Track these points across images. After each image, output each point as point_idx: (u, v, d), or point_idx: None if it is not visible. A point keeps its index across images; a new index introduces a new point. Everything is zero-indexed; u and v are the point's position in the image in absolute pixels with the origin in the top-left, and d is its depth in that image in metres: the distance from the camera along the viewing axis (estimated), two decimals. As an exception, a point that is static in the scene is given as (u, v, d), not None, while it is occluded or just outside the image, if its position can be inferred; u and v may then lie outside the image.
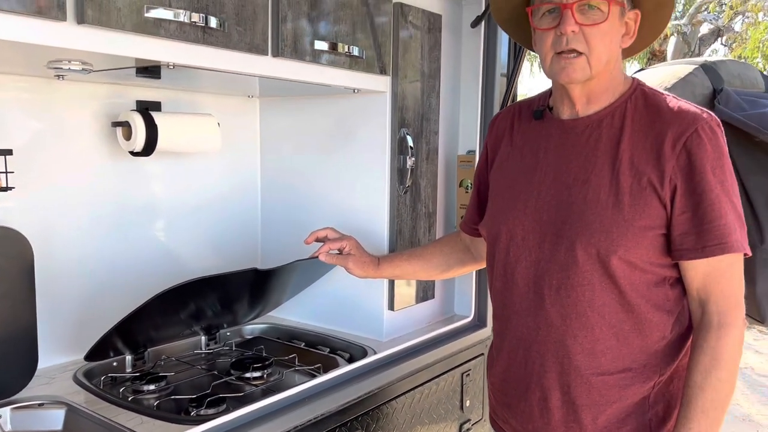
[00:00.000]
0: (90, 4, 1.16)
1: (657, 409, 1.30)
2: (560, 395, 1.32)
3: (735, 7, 11.07)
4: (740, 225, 1.23)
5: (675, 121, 1.23)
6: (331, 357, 1.90)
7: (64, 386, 1.57)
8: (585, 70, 1.25)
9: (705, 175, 1.20)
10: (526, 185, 1.37)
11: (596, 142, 1.29)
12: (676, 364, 1.32)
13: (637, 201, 1.23)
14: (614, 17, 1.24)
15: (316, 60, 1.63)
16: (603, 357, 1.28)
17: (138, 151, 1.73)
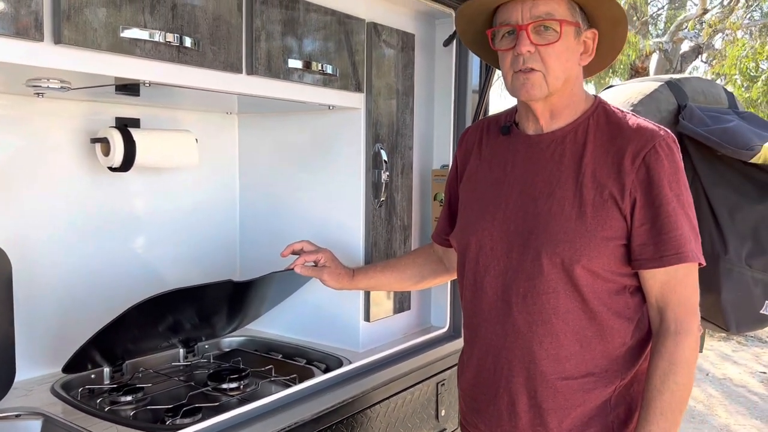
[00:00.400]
0: (67, 24, 1.21)
1: (618, 411, 1.35)
2: (527, 399, 1.36)
3: (714, 25, 11.28)
4: (695, 236, 1.30)
5: (634, 137, 1.30)
6: (307, 368, 1.94)
7: (42, 398, 1.60)
8: (542, 87, 1.31)
9: (662, 189, 1.26)
10: (494, 198, 1.43)
11: (560, 156, 1.35)
12: (636, 369, 1.37)
13: (599, 213, 1.29)
14: (568, 37, 1.30)
15: (290, 78, 1.69)
16: (567, 362, 1.33)
17: (116, 167, 1.77)
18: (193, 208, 2.16)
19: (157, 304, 1.60)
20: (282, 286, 2.01)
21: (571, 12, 1.30)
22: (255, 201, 2.27)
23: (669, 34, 11.28)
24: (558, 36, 1.28)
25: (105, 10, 1.27)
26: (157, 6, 1.36)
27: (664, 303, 1.30)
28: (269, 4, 1.61)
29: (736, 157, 2.03)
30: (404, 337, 2.16)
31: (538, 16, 1.27)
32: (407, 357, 2.02)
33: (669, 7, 12.99)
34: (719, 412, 4.69)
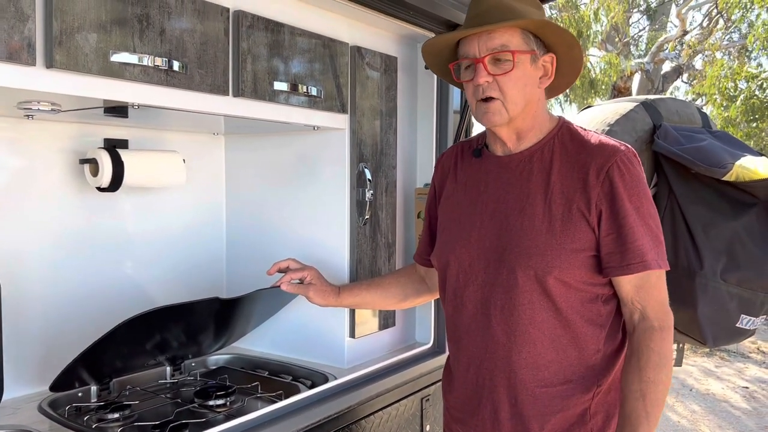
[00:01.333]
0: (59, 49, 1.25)
1: (597, 419, 1.40)
2: (509, 407, 1.42)
3: (693, 46, 11.51)
4: (655, 244, 1.37)
5: (597, 153, 1.37)
6: (293, 384, 1.96)
7: (29, 416, 1.61)
8: (502, 114, 1.40)
9: (623, 202, 1.34)
10: (470, 216, 1.50)
11: (529, 174, 1.43)
12: (611, 377, 1.43)
13: (567, 226, 1.36)
14: (524, 64, 1.39)
15: (276, 99, 1.73)
16: (545, 370, 1.39)
17: (105, 187, 1.80)
18: (180, 227, 2.19)
19: (144, 321, 1.62)
20: (268, 304, 2.03)
21: (525, 41, 1.39)
22: (241, 220, 2.30)
23: (650, 55, 11.48)
24: (512, 65, 1.37)
25: (95, 35, 1.31)
26: (146, 31, 1.40)
27: (643, 305, 1.37)
28: (255, 28, 1.66)
29: (710, 175, 2.09)
30: (389, 354, 2.19)
31: (493, 48, 1.36)
32: (392, 373, 2.05)
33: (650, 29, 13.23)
34: (702, 427, 4.74)
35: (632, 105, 2.30)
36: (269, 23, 1.71)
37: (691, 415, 4.97)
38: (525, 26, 1.38)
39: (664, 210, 2.21)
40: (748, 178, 2.07)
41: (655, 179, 2.27)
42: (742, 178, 2.07)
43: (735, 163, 2.06)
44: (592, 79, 10.74)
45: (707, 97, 10.79)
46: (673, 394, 5.44)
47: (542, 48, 1.43)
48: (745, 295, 2.16)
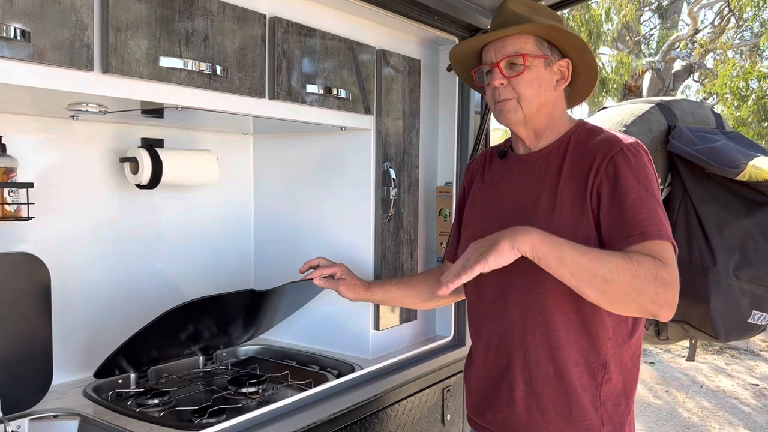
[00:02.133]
0: (114, 56, 1.34)
1: (607, 406, 1.48)
2: (523, 386, 1.50)
3: (704, 45, 11.49)
4: (659, 221, 1.36)
5: (604, 143, 1.46)
6: (321, 373, 2.05)
7: (75, 400, 1.71)
8: (517, 111, 1.51)
9: (628, 180, 1.39)
10: (492, 211, 1.61)
11: (546, 170, 1.53)
12: (621, 367, 1.49)
13: (574, 213, 1.44)
14: (537, 68, 1.50)
15: (308, 101, 1.82)
16: (558, 351, 1.47)
17: (144, 184, 1.89)
18: (211, 223, 2.28)
19: (181, 313, 1.71)
20: (296, 297, 2.12)
21: (538, 47, 1.50)
22: (268, 217, 2.39)
23: (661, 54, 11.47)
24: (523, 68, 1.48)
25: (146, 42, 1.40)
26: (191, 37, 1.49)
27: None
28: (289, 33, 1.75)
29: (723, 175, 2.15)
30: (411, 346, 2.28)
31: (507, 54, 1.49)
32: (415, 364, 2.13)
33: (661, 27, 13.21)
34: (712, 423, 4.79)
35: (648, 106, 2.37)
36: (302, 28, 1.79)
37: (701, 412, 5.03)
38: (532, 32, 1.50)
39: (678, 208, 2.28)
40: (761, 178, 2.13)
41: (670, 179, 2.34)
42: (755, 177, 2.13)
43: (748, 163, 2.13)
44: (603, 78, 10.76)
45: (719, 96, 10.77)
46: (683, 391, 5.50)
47: (557, 54, 1.54)
48: (757, 292, 2.23)
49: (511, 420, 1.53)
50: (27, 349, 1.60)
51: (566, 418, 1.47)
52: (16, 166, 1.63)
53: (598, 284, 1.27)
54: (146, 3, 1.40)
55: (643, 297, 1.28)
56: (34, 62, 1.22)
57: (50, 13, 1.23)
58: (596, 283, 1.27)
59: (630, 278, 1.26)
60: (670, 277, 1.30)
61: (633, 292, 1.27)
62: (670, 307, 1.31)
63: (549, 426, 1.49)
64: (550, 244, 1.29)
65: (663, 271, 1.29)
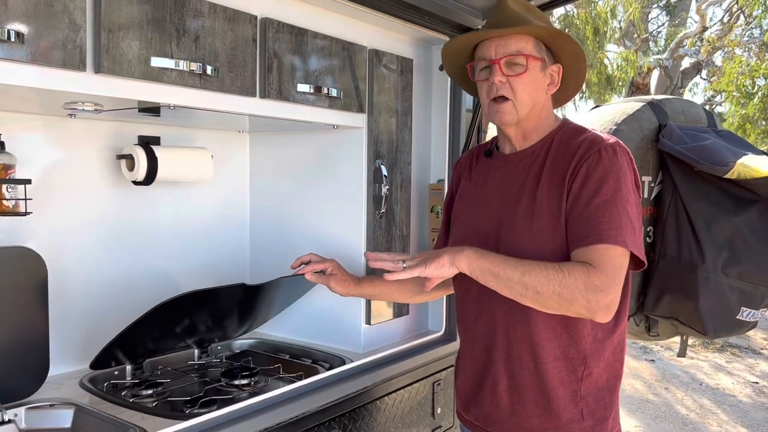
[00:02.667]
0: (106, 56, 1.38)
1: (588, 400, 1.51)
2: (507, 380, 1.55)
3: (712, 43, 11.44)
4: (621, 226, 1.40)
5: (584, 144, 1.49)
6: (312, 366, 2.10)
7: (72, 390, 1.76)
8: (512, 114, 1.53)
9: (599, 181, 1.43)
10: (477, 209, 1.65)
11: (529, 169, 1.56)
12: (602, 363, 1.53)
13: (552, 213, 1.48)
14: (535, 70, 1.52)
15: (299, 100, 1.86)
16: (539, 347, 1.50)
17: (140, 181, 1.94)
18: (208, 219, 2.33)
19: (174, 306, 1.76)
20: (289, 292, 2.17)
21: (537, 49, 1.53)
22: (264, 213, 2.43)
23: (669, 51, 11.43)
24: (525, 69, 1.51)
25: (138, 42, 1.44)
26: (183, 38, 1.54)
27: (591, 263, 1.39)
28: (280, 34, 1.79)
29: (712, 173, 2.18)
30: (402, 340, 2.32)
31: (508, 52, 1.51)
32: (405, 358, 2.17)
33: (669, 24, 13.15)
34: (710, 421, 4.81)
35: (639, 105, 2.40)
36: (293, 29, 1.83)
37: (700, 409, 5.04)
38: (540, 34, 1.52)
39: (668, 206, 2.30)
40: (749, 176, 2.15)
41: (661, 176, 2.37)
42: (743, 176, 2.15)
43: (737, 161, 2.15)
44: (608, 76, 10.74)
45: (726, 94, 10.72)
46: (683, 388, 5.52)
47: (551, 58, 1.57)
48: (745, 289, 2.25)
49: (495, 414, 1.58)
50: (24, 341, 1.65)
51: (546, 412, 1.51)
52: (14, 162, 1.68)
53: (530, 295, 1.39)
54: (138, 5, 1.44)
55: (575, 305, 1.37)
56: (28, 63, 1.26)
57: (44, 15, 1.27)
58: (529, 294, 1.39)
59: (559, 289, 1.36)
60: (603, 282, 1.36)
61: (564, 302, 1.37)
62: (606, 310, 1.38)
63: (531, 420, 1.53)
64: (484, 262, 1.41)
65: (594, 278, 1.36)
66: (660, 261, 2.28)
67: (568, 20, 9.81)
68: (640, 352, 6.53)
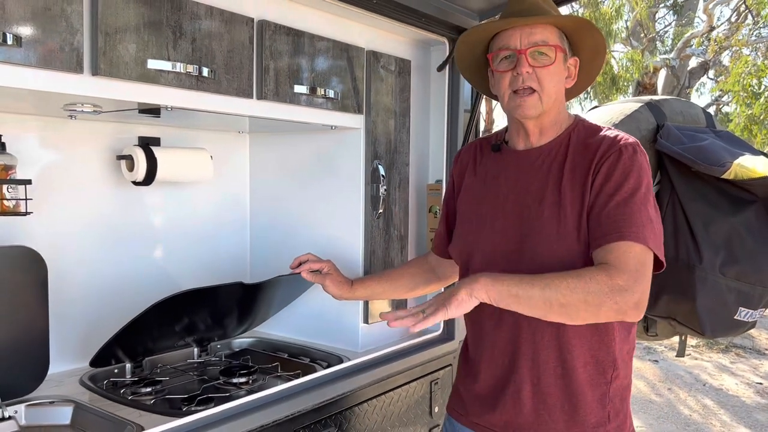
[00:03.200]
0: (103, 59, 1.40)
1: (615, 402, 1.49)
2: (531, 387, 1.50)
3: (720, 42, 11.39)
4: (643, 224, 1.38)
5: (604, 142, 1.47)
6: (310, 365, 2.12)
7: (71, 388, 1.78)
8: (537, 107, 1.49)
9: (619, 179, 1.41)
10: (491, 208, 1.59)
11: (548, 167, 1.52)
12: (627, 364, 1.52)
13: (576, 212, 1.44)
14: (560, 62, 1.50)
15: (296, 101, 1.88)
16: (567, 353, 1.47)
17: (139, 181, 1.97)
18: (208, 219, 2.35)
19: (172, 304, 1.79)
20: (287, 291, 2.19)
21: (560, 39, 1.50)
22: (264, 213, 2.46)
23: (676, 51, 11.40)
24: (552, 60, 1.47)
25: (134, 45, 1.46)
26: (179, 40, 1.56)
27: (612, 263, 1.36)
28: (277, 35, 1.81)
29: (710, 173, 2.18)
30: (401, 339, 2.33)
31: (534, 42, 1.46)
32: (403, 356, 2.19)
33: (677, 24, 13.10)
34: (713, 421, 4.80)
35: (637, 105, 2.40)
36: (290, 31, 1.85)
37: (703, 410, 5.04)
38: (565, 24, 1.50)
39: (666, 206, 2.31)
40: (747, 176, 2.16)
41: (659, 177, 2.38)
42: (740, 176, 2.16)
43: (734, 161, 2.16)
44: (614, 76, 10.73)
45: (732, 94, 10.69)
46: (686, 389, 5.51)
47: (570, 50, 1.54)
48: (743, 289, 2.25)
49: (517, 420, 1.52)
50: (24, 339, 1.68)
51: (573, 417, 1.48)
52: (15, 163, 1.71)
53: (556, 309, 1.33)
54: (135, 8, 1.46)
55: (605, 309, 1.32)
56: (25, 65, 1.29)
57: (41, 18, 1.30)
58: (555, 309, 1.33)
59: (584, 296, 1.31)
60: (626, 281, 1.32)
61: (592, 308, 1.32)
62: (635, 309, 1.34)
63: (556, 425, 1.49)
64: (501, 285, 1.35)
65: (618, 279, 1.32)
66: (658, 261, 2.29)
67: (572, 20, 9.80)
68: (644, 352, 6.51)
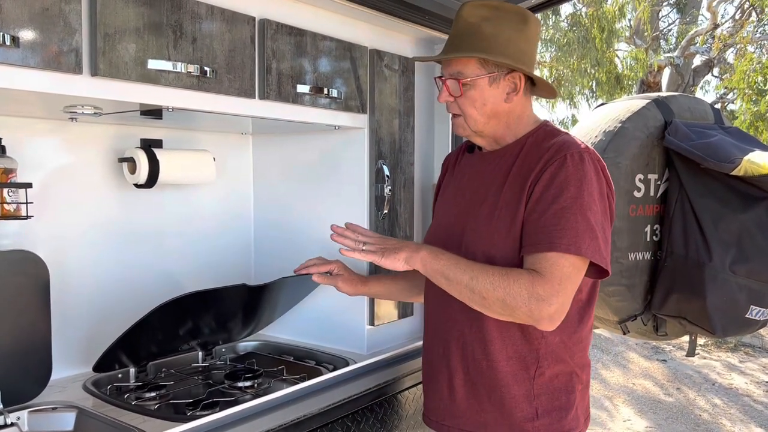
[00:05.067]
0: (102, 59, 1.38)
1: (541, 399, 1.53)
2: (463, 375, 1.58)
3: (724, 40, 11.33)
4: (578, 234, 1.39)
5: (553, 148, 1.48)
6: (316, 368, 2.09)
7: (75, 393, 1.76)
8: (465, 128, 1.58)
9: (559, 188, 1.42)
10: (450, 206, 1.68)
11: (499, 168, 1.57)
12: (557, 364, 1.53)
13: (510, 214, 1.48)
14: (478, 87, 1.52)
15: (299, 101, 1.85)
16: (491, 345, 1.52)
17: (142, 184, 1.94)
18: (211, 220, 2.33)
19: (176, 307, 1.76)
20: (292, 293, 2.16)
21: (481, 66, 1.51)
22: (268, 214, 2.43)
23: (680, 49, 11.35)
24: (460, 92, 1.53)
25: (134, 45, 1.44)
26: (180, 40, 1.54)
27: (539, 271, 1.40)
28: (279, 35, 1.79)
29: (719, 170, 2.15)
30: (407, 341, 2.30)
31: (450, 74, 1.55)
32: (410, 359, 2.16)
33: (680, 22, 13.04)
34: (723, 420, 4.76)
35: (644, 102, 2.38)
36: (292, 30, 1.83)
37: (713, 409, 4.99)
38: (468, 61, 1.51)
39: (675, 203, 2.28)
40: (757, 172, 2.13)
41: (667, 174, 2.35)
42: (750, 172, 2.13)
43: (743, 158, 2.13)
44: (618, 75, 10.68)
45: (738, 91, 10.63)
46: (695, 388, 5.46)
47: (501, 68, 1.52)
48: (754, 287, 2.22)
49: (452, 407, 1.61)
50: (26, 344, 1.66)
51: (500, 409, 1.54)
52: (15, 166, 1.69)
53: (477, 300, 1.43)
54: (134, 7, 1.44)
55: (518, 312, 1.39)
56: (24, 66, 1.27)
57: (39, 18, 1.28)
58: (475, 299, 1.43)
59: (503, 296, 1.38)
60: (547, 292, 1.36)
61: (507, 309, 1.39)
62: (549, 320, 1.39)
63: (485, 415, 1.56)
64: (437, 263, 1.46)
65: (539, 287, 1.36)
66: (667, 259, 2.26)
67: (575, 18, 9.77)
68: (652, 352, 6.47)
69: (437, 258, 1.47)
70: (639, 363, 6.15)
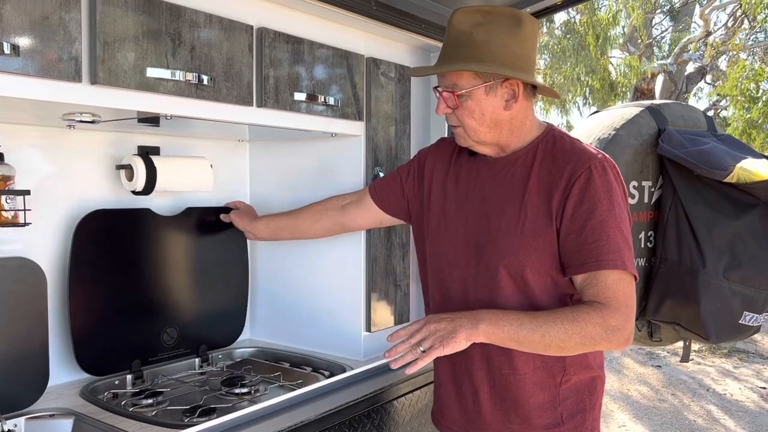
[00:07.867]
0: (101, 67, 1.39)
1: (567, 403, 1.54)
2: (488, 388, 1.58)
3: (717, 47, 11.41)
4: (619, 248, 1.42)
5: (573, 159, 1.48)
6: (312, 375, 2.10)
7: (72, 400, 1.76)
8: (467, 139, 1.56)
9: (591, 203, 1.43)
10: (457, 212, 1.64)
11: (512, 177, 1.55)
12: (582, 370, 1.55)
13: (538, 229, 1.48)
14: (475, 98, 1.49)
15: (296, 109, 1.87)
16: (518, 359, 1.52)
17: (139, 191, 1.95)
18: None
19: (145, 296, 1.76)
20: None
21: (476, 77, 1.47)
22: (264, 221, 2.43)
23: (673, 56, 11.41)
24: (456, 104, 1.51)
25: (133, 53, 1.45)
26: (178, 48, 1.55)
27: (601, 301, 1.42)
28: (277, 43, 1.80)
29: (712, 177, 2.17)
30: (404, 347, 2.30)
31: (446, 86, 1.52)
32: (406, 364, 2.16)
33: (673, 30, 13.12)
34: (717, 427, 4.77)
35: (638, 110, 2.40)
36: (290, 38, 1.84)
37: (707, 415, 5.01)
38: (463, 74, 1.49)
39: (669, 210, 2.30)
40: (749, 179, 2.15)
41: (661, 181, 2.37)
42: (743, 179, 2.15)
43: (736, 165, 2.15)
44: (612, 82, 10.75)
45: (730, 98, 10.70)
46: (689, 394, 5.48)
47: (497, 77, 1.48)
48: (747, 293, 2.24)
49: (478, 419, 1.60)
50: (24, 351, 1.66)
51: (527, 420, 1.54)
52: (13, 174, 1.69)
53: (553, 350, 1.42)
54: (133, 16, 1.45)
55: (599, 346, 1.42)
56: (23, 75, 1.28)
57: (39, 27, 1.29)
58: (552, 350, 1.42)
59: (581, 340, 1.38)
60: (619, 321, 1.39)
61: (587, 347, 1.41)
62: (626, 342, 1.42)
63: (512, 426, 1.56)
64: (501, 332, 1.39)
65: (611, 319, 1.38)
66: (661, 266, 2.28)
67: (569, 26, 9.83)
68: (647, 357, 6.49)
69: (499, 326, 1.39)
70: (634, 369, 6.16)
